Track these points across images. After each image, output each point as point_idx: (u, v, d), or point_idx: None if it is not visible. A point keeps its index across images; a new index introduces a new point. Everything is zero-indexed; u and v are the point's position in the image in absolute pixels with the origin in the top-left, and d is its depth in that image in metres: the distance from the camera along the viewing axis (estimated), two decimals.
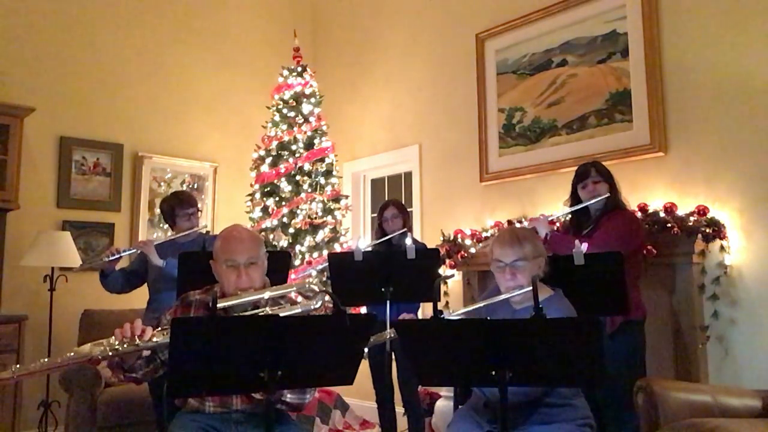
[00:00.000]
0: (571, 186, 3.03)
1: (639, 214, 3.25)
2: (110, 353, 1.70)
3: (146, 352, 1.86)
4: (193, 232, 3.35)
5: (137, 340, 1.73)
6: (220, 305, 1.86)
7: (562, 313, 2.05)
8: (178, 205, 3.35)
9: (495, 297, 2.17)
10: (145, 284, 3.45)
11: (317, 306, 1.92)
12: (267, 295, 1.95)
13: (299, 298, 2.13)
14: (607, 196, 2.86)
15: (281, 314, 1.86)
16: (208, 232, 3.63)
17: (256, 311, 1.92)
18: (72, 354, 1.68)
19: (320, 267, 4.25)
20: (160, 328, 1.81)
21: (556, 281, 2.22)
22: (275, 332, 1.60)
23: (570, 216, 3.06)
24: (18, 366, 1.64)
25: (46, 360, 1.67)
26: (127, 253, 3.27)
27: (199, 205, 3.49)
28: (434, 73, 4.92)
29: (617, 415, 2.65)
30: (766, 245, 3.05)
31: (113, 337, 1.74)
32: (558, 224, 3.19)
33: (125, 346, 1.72)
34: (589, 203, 2.89)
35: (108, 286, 3.37)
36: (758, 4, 3.16)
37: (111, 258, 3.21)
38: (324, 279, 4.27)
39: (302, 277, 4.30)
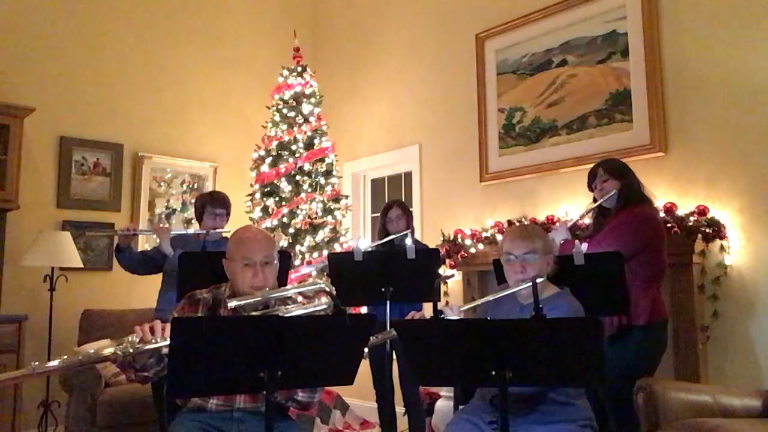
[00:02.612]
0: (587, 187, 2.94)
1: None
2: (131, 350, 1.68)
3: (165, 350, 1.81)
4: (215, 233, 3.36)
5: (158, 338, 1.72)
6: (231, 305, 1.88)
7: (567, 310, 2.06)
8: (209, 203, 3.41)
9: (502, 290, 2.17)
10: (159, 278, 3.45)
11: (325, 306, 1.93)
12: (278, 295, 1.96)
13: (299, 298, 2.14)
14: (613, 193, 2.77)
15: (288, 315, 1.86)
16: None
17: (267, 311, 1.92)
18: (93, 352, 1.65)
19: (320, 266, 4.24)
20: None
21: (557, 281, 2.22)
22: (275, 332, 1.60)
23: (593, 218, 2.98)
24: (36, 363, 1.57)
25: (65, 357, 1.62)
26: (142, 233, 3.29)
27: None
28: (434, 73, 4.92)
29: (616, 420, 2.63)
30: (766, 245, 3.05)
31: (134, 335, 1.72)
32: (573, 222, 3.12)
33: (145, 344, 1.71)
34: (599, 203, 2.83)
35: (122, 261, 3.41)
36: (758, 4, 3.16)
37: (125, 233, 3.28)
38: (324, 278, 4.26)
39: (303, 275, 4.30)
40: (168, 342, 1.70)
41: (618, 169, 2.83)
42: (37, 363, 1.57)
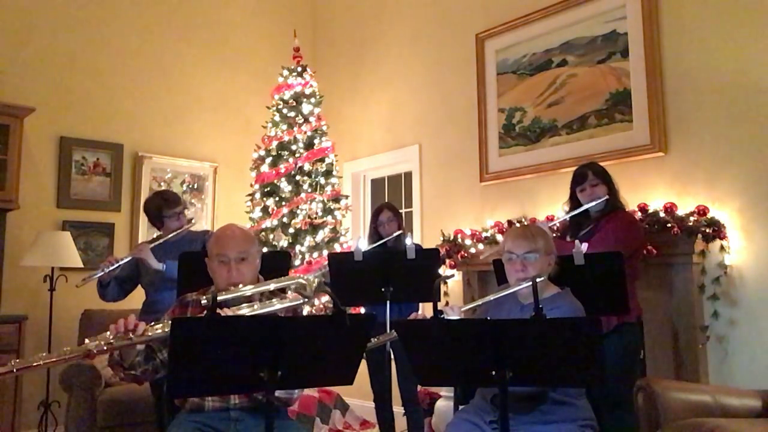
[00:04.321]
0: (570, 189, 2.99)
1: (639, 215, 3.25)
2: (105, 347, 1.72)
3: (140, 347, 1.88)
4: (183, 230, 3.33)
5: (131, 335, 1.76)
6: (203, 301, 1.89)
7: (567, 310, 2.06)
8: (165, 206, 3.31)
9: (503, 290, 2.17)
10: (139, 287, 3.43)
11: (304, 301, 1.93)
12: (258, 289, 1.97)
13: (290, 293, 2.13)
14: (606, 198, 2.83)
15: (270, 309, 1.88)
16: (207, 232, 3.62)
17: (245, 305, 1.92)
18: (68, 349, 1.71)
19: (320, 272, 4.22)
20: (153, 324, 1.82)
21: (558, 281, 2.23)
22: (275, 332, 1.60)
23: (571, 220, 3.01)
24: (17, 360, 1.65)
25: (44, 354, 1.68)
26: (125, 261, 3.22)
27: (185, 203, 3.45)
28: (434, 73, 4.92)
29: (612, 417, 2.64)
30: (766, 245, 3.05)
31: (108, 332, 1.77)
32: (557, 224, 3.18)
33: (120, 340, 1.75)
34: (588, 206, 2.86)
35: (107, 296, 3.32)
36: (758, 4, 3.16)
37: (111, 268, 3.14)
38: (317, 276, 4.24)
39: (304, 272, 4.29)
40: (142, 337, 1.77)
41: (605, 174, 2.90)
42: (18, 360, 1.65)
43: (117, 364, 1.90)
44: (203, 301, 1.90)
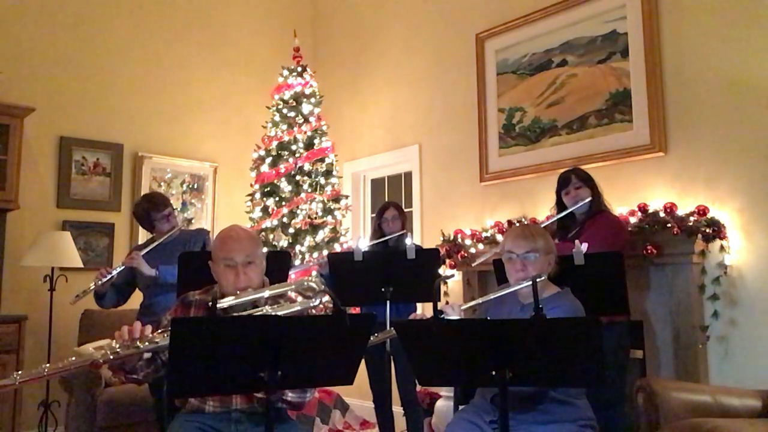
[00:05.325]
0: (556, 193, 3.11)
1: (639, 214, 3.26)
2: (111, 356, 1.69)
3: (147, 354, 1.85)
4: (175, 231, 3.33)
5: (138, 343, 1.73)
6: (219, 305, 1.87)
7: (567, 310, 2.06)
8: (153, 209, 3.31)
9: (503, 289, 2.17)
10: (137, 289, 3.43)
11: (316, 304, 1.92)
12: (267, 293, 1.95)
13: (298, 297, 2.14)
14: (589, 200, 2.94)
15: (281, 313, 1.86)
16: (202, 230, 3.62)
17: (255, 310, 1.91)
18: (73, 358, 1.67)
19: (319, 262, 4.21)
20: (160, 330, 1.80)
21: (557, 281, 2.23)
22: (275, 332, 1.60)
23: (558, 221, 3.10)
24: (20, 372, 1.61)
25: (47, 365, 1.65)
26: (117, 271, 3.22)
27: (173, 204, 3.47)
28: (434, 73, 4.92)
29: (605, 415, 2.66)
30: (766, 245, 3.05)
31: (114, 340, 1.73)
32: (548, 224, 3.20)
33: (126, 348, 1.72)
34: (573, 209, 2.97)
35: (105, 305, 3.33)
36: (758, 4, 3.16)
37: (104, 280, 3.14)
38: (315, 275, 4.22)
39: (303, 271, 4.28)
40: (149, 346, 1.73)
41: (588, 177, 3.03)
42: (20, 372, 1.61)
43: (119, 368, 1.86)
44: (219, 306, 1.88)
